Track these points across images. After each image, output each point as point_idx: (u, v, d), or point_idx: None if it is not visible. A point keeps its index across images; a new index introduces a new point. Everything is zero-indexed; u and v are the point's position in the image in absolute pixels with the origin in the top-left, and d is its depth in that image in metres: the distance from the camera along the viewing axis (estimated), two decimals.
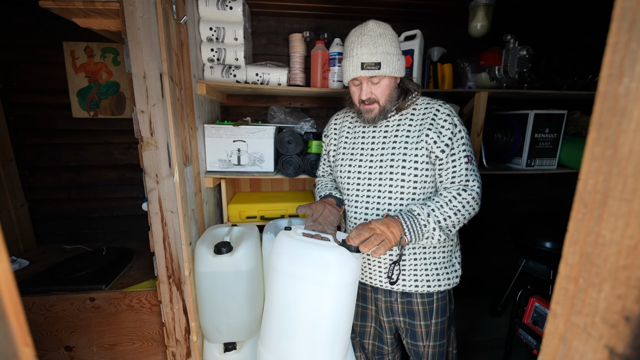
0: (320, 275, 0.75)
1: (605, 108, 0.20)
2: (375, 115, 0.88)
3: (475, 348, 1.72)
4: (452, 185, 0.86)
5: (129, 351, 1.24)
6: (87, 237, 1.79)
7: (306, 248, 0.78)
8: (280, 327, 0.81)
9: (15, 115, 1.60)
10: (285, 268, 0.80)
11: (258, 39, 1.58)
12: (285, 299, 0.80)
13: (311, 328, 0.77)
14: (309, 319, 0.77)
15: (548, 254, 1.41)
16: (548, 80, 1.48)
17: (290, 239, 0.82)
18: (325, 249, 0.77)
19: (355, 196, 0.94)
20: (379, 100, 0.87)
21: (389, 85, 0.86)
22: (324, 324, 0.77)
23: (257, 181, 1.75)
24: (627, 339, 0.19)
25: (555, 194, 2.11)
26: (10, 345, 0.20)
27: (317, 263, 0.76)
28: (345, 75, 0.88)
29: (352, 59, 0.83)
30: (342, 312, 0.79)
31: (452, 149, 0.85)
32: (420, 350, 0.96)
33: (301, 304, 0.78)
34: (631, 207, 0.19)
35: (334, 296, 0.77)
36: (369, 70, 0.82)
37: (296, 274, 0.78)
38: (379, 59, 0.81)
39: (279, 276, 0.81)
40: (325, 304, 0.77)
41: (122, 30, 0.91)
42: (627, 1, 0.18)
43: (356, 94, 0.89)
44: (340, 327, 0.80)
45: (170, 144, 0.97)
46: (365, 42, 0.82)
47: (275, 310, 0.82)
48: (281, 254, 0.81)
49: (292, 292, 0.79)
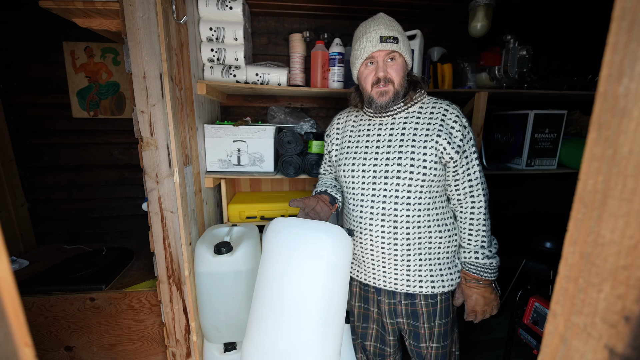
0: (316, 248, 0.76)
1: (605, 108, 0.20)
2: (390, 98, 0.86)
3: (475, 348, 1.72)
4: (471, 190, 0.88)
5: (129, 351, 1.24)
6: (87, 237, 1.79)
7: (305, 223, 0.81)
8: (270, 312, 0.76)
9: (15, 115, 1.60)
10: (281, 242, 0.78)
11: (258, 39, 1.58)
12: (277, 278, 0.77)
13: (302, 308, 0.74)
14: (301, 296, 0.74)
15: (548, 254, 1.41)
16: (548, 80, 1.48)
17: (285, 219, 0.83)
18: (321, 224, 0.80)
19: (361, 195, 0.92)
20: (394, 80, 0.85)
21: (404, 67, 0.86)
22: (317, 301, 0.74)
23: (257, 181, 1.75)
24: (627, 339, 0.19)
25: (555, 194, 2.11)
26: (10, 345, 0.20)
27: (313, 236, 0.77)
28: (361, 54, 0.85)
29: (370, 35, 0.83)
30: (334, 293, 0.77)
31: (464, 151, 0.86)
32: (423, 352, 0.95)
33: (294, 281, 0.75)
34: (631, 207, 0.19)
35: (327, 272, 0.75)
36: (388, 44, 0.82)
37: (292, 246, 0.77)
38: (396, 35, 0.83)
39: (273, 254, 0.79)
40: (319, 279, 0.75)
41: (122, 30, 0.91)
42: (627, 1, 0.18)
43: (370, 75, 0.86)
44: (331, 309, 0.76)
45: (170, 144, 0.97)
46: (380, 20, 0.84)
47: (265, 294, 0.78)
48: (278, 231, 0.80)
49: (286, 268, 0.76)
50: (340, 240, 0.78)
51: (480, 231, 0.89)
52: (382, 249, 0.90)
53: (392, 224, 0.87)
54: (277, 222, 0.83)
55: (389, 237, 0.88)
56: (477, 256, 0.89)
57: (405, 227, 0.87)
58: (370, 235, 0.90)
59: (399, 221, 0.87)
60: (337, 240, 0.77)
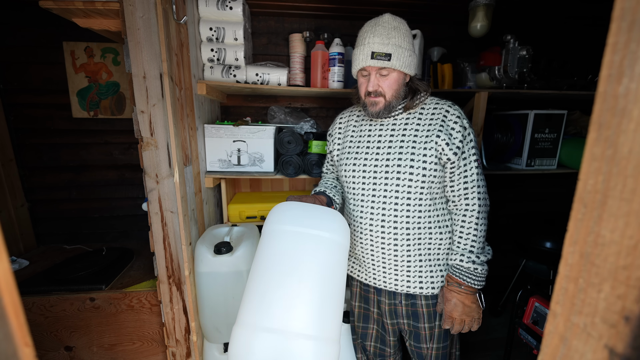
0: (323, 226, 0.78)
1: (605, 108, 0.20)
2: (380, 109, 0.87)
3: (475, 348, 1.72)
4: (466, 192, 0.86)
5: (129, 351, 1.24)
6: (87, 237, 1.79)
7: (309, 206, 0.83)
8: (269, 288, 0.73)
9: (15, 115, 1.60)
10: (289, 221, 0.79)
11: (258, 39, 1.58)
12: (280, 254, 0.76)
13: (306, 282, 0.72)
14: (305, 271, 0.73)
15: (548, 254, 1.41)
16: (548, 80, 1.48)
17: (293, 202, 0.84)
18: (326, 209, 0.83)
19: (361, 195, 0.92)
20: (385, 94, 0.85)
21: (397, 81, 0.85)
22: (319, 276, 0.74)
23: (257, 181, 1.75)
24: (627, 339, 0.19)
25: (555, 194, 2.11)
26: (10, 345, 0.20)
27: (320, 215, 0.81)
28: (355, 65, 0.87)
29: (363, 48, 0.83)
30: (335, 272, 0.77)
31: (463, 152, 0.84)
32: (423, 353, 0.95)
33: (298, 256, 0.75)
34: (631, 207, 0.19)
35: (331, 249, 0.77)
36: (379, 61, 0.81)
37: (299, 224, 0.78)
38: (390, 51, 0.81)
39: (276, 233, 0.78)
40: (323, 255, 0.76)
41: (122, 30, 0.91)
42: (627, 1, 0.18)
43: (363, 85, 0.88)
44: (332, 288, 0.76)
45: (170, 144, 0.97)
46: (378, 32, 0.82)
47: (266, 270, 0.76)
48: (284, 211, 0.81)
49: (292, 245, 0.76)
50: (342, 223, 0.82)
51: (470, 235, 0.86)
52: (382, 249, 0.90)
53: (392, 224, 0.87)
54: (283, 204, 0.84)
55: (389, 237, 0.88)
56: (462, 259, 0.86)
57: (405, 228, 0.87)
58: (370, 235, 0.90)
59: (399, 221, 0.87)
60: (340, 223, 0.81)
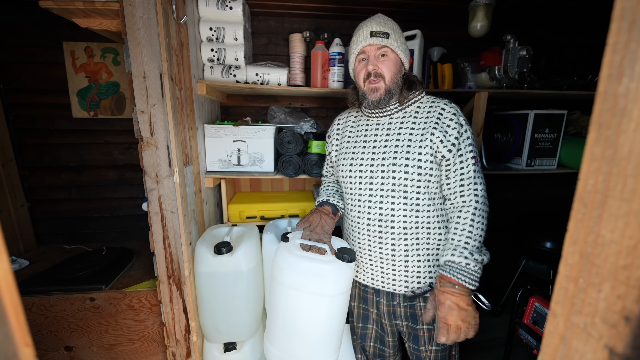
0: (318, 287, 0.84)
1: (605, 108, 0.20)
2: (381, 95, 0.87)
3: (475, 348, 1.72)
4: (462, 188, 0.84)
5: (129, 351, 1.24)
6: (87, 237, 1.79)
7: (304, 264, 0.85)
8: (284, 328, 0.91)
9: (15, 115, 1.60)
10: (286, 281, 0.86)
11: (258, 39, 1.58)
12: (286, 307, 0.88)
13: (310, 330, 0.88)
14: (308, 323, 0.87)
15: (548, 254, 1.41)
16: (548, 80, 1.48)
17: (289, 255, 0.87)
18: (322, 264, 0.84)
19: (358, 195, 0.92)
20: (384, 76, 0.86)
21: (396, 64, 0.87)
22: (321, 326, 0.88)
23: (257, 181, 1.75)
24: (627, 339, 0.19)
25: (555, 194, 2.11)
26: (10, 345, 0.20)
27: (315, 277, 0.84)
28: (353, 50, 0.89)
29: (362, 30, 0.86)
30: (337, 316, 0.89)
31: (459, 149, 0.83)
32: (422, 355, 0.94)
33: (301, 311, 0.87)
34: (631, 207, 0.19)
35: (330, 304, 0.86)
36: (378, 38, 0.84)
37: (296, 286, 0.85)
38: (388, 30, 0.84)
39: (281, 287, 0.88)
40: (322, 311, 0.86)
41: (122, 30, 0.91)
42: (627, 1, 0.18)
43: (362, 71, 0.88)
44: (334, 327, 0.90)
45: (170, 144, 0.97)
46: (374, 18, 0.87)
47: (278, 313, 0.91)
48: (282, 269, 0.87)
49: (293, 301, 0.87)
50: (340, 274, 0.85)
51: (465, 231, 0.81)
52: (380, 250, 0.89)
53: (389, 225, 0.87)
54: (281, 256, 0.89)
55: (386, 237, 0.88)
56: (454, 253, 0.79)
57: (402, 228, 0.86)
58: (368, 236, 0.90)
59: (396, 222, 0.86)
60: (337, 277, 0.84)
